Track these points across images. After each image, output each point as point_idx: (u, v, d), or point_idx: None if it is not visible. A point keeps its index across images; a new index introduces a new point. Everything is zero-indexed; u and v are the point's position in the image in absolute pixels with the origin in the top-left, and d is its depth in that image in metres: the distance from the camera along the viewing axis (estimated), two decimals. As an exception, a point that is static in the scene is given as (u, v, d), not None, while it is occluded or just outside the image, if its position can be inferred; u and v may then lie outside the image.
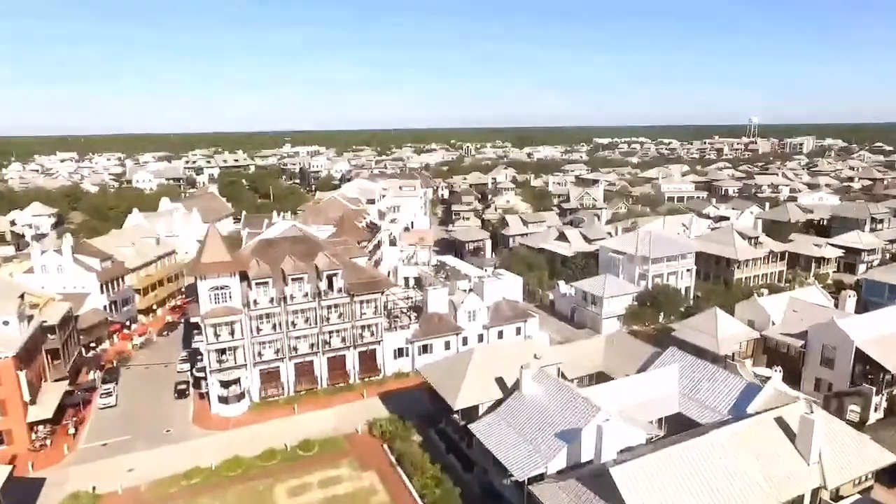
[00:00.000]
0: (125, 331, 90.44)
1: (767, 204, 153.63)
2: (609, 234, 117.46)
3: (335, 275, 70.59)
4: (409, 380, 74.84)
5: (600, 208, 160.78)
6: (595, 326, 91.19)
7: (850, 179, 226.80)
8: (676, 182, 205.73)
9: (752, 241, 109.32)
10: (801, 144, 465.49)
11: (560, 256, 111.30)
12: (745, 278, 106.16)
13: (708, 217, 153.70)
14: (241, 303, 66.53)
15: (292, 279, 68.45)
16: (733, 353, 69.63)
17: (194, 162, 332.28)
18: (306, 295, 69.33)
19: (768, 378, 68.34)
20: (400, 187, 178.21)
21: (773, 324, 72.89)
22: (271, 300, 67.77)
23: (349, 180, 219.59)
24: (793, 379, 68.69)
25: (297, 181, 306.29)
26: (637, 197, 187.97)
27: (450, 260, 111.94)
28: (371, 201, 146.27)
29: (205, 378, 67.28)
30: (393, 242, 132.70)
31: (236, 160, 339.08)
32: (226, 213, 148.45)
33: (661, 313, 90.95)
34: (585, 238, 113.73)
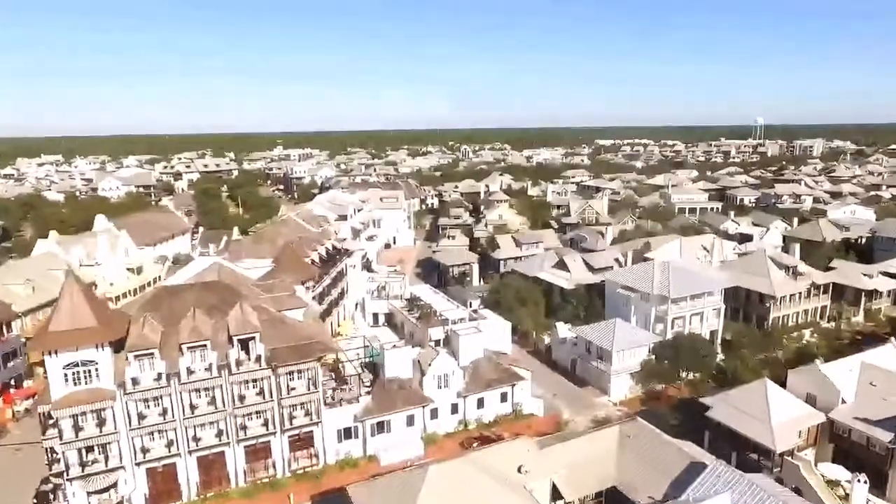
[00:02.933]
0: (11, 391, 72.08)
1: (796, 220, 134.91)
2: (617, 260, 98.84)
3: (252, 339, 52.15)
4: (358, 470, 56.55)
5: (604, 223, 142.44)
6: (601, 385, 72.77)
7: (877, 188, 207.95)
8: (687, 191, 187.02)
9: (790, 270, 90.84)
10: (811, 147, 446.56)
11: (559, 289, 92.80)
12: (784, 317, 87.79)
13: (727, 234, 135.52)
14: (115, 382, 48.10)
15: (189, 347, 49.99)
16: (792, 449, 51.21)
17: (173, 167, 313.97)
18: (209, 368, 50.89)
19: (843, 482, 50.24)
20: (381, 199, 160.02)
21: (843, 402, 54.39)
22: (158, 377, 49.31)
23: (328, 189, 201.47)
24: (874, 480, 50.43)
25: (281, 188, 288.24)
26: (645, 208, 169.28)
27: (426, 293, 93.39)
28: (343, 217, 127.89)
29: (62, 487, 48.74)
30: (367, 266, 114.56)
31: (217, 165, 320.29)
32: (178, 230, 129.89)
33: (685, 369, 72.54)
34: (589, 266, 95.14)
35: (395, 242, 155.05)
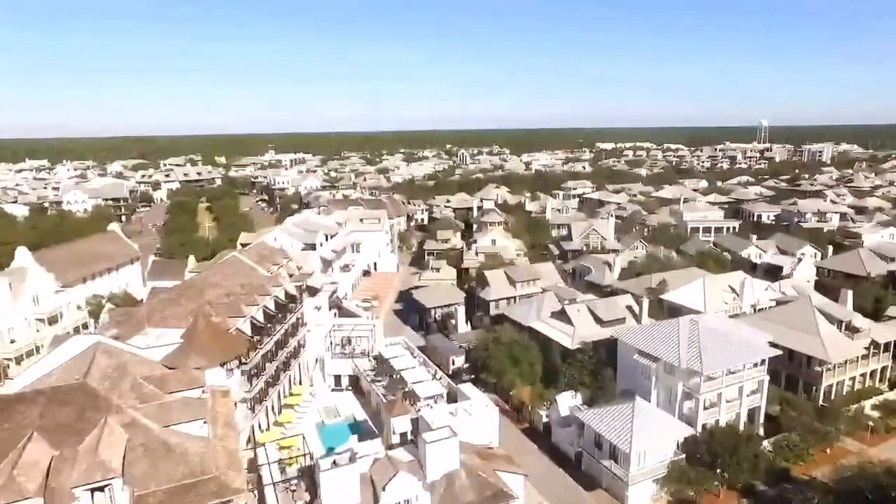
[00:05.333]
0: None
1: (830, 249, 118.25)
2: (629, 308, 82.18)
3: (108, 486, 35.47)
4: None
5: (611, 249, 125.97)
6: (616, 491, 56.08)
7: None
8: (700, 209, 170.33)
9: (844, 325, 74.15)
10: (820, 152, 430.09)
11: (560, 347, 76.01)
12: (837, 384, 71.23)
13: (751, 263, 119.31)
14: None
15: (5, 508, 33.33)
16: None
17: (151, 175, 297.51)
18: (41, 534, 34.20)
19: None
20: (361, 220, 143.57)
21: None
22: (-47, 558, 32.68)
23: (307, 205, 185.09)
24: None
25: (265, 199, 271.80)
26: (655, 229, 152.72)
27: (398, 353, 76.92)
28: (311, 246, 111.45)
29: None
30: (338, 304, 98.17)
31: (199, 173, 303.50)
32: (125, 259, 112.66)
33: (723, 471, 55.86)
34: (596, 318, 78.36)
35: (375, 268, 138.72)
